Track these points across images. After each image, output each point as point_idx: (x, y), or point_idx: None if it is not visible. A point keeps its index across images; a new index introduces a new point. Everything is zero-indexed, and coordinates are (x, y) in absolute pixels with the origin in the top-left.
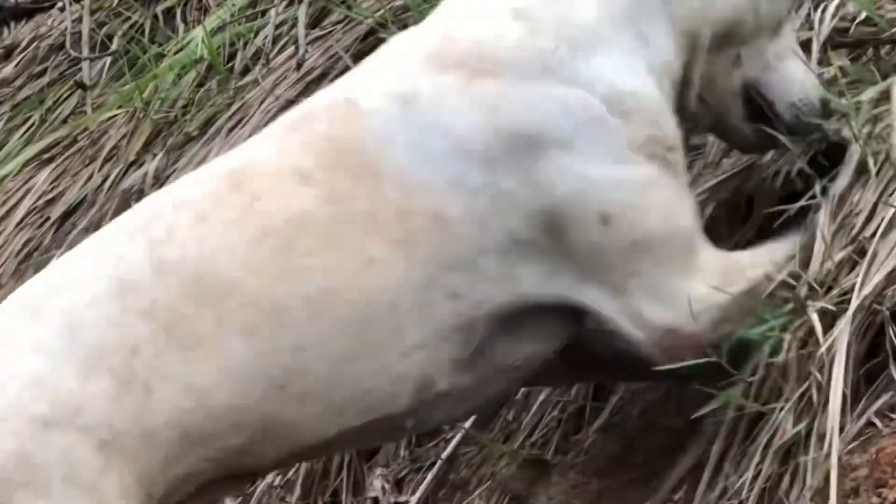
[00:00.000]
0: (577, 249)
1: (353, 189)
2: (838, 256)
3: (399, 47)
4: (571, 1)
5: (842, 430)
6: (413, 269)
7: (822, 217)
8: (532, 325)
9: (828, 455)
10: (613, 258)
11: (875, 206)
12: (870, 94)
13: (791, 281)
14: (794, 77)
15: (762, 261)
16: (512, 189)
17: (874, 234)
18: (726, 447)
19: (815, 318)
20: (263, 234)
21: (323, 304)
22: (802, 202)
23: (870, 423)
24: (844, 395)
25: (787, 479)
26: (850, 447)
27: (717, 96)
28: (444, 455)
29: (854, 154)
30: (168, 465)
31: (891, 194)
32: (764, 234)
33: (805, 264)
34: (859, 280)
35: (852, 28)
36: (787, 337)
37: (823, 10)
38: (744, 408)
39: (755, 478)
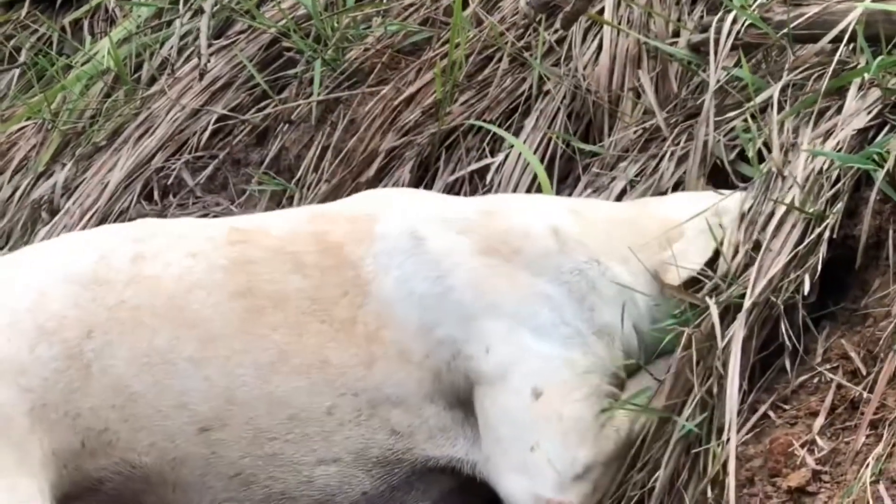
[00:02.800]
0: (492, 414)
1: (339, 297)
2: (739, 255)
3: (443, 198)
4: (605, 259)
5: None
6: (363, 389)
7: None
8: (431, 483)
9: (726, 444)
10: (524, 430)
11: (767, 205)
12: (761, 98)
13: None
14: None
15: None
16: (472, 352)
17: (764, 228)
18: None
19: (714, 313)
20: (242, 292)
21: (268, 375)
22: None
23: (764, 415)
24: (744, 391)
25: (686, 471)
26: (744, 438)
27: None
28: None
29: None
30: (83, 457)
31: (783, 192)
32: None
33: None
34: (752, 276)
35: (742, 31)
36: (689, 332)
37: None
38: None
39: (661, 469)
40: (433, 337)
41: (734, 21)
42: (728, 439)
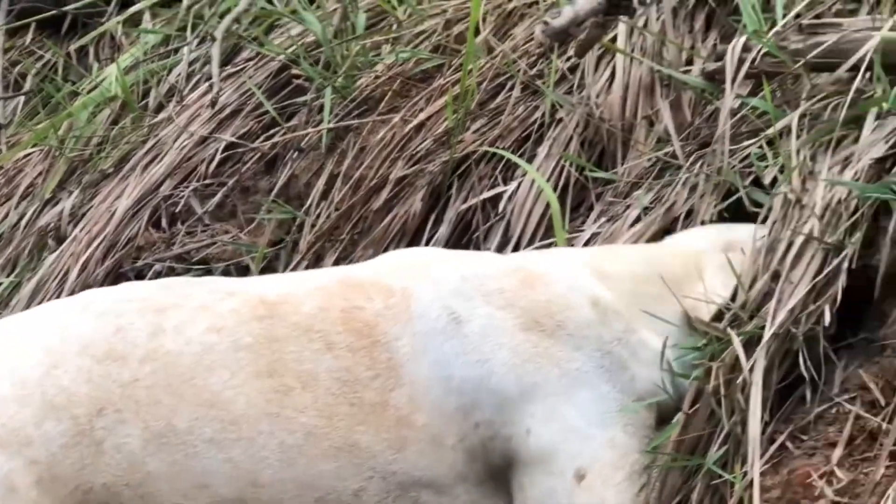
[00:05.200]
0: (532, 496)
1: (369, 380)
2: (758, 286)
3: (476, 261)
4: (636, 316)
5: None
6: (392, 472)
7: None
8: None
9: (747, 477)
10: None
11: (785, 235)
12: (778, 126)
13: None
14: None
15: None
16: (511, 433)
17: (783, 258)
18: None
19: (738, 346)
20: (269, 372)
21: (294, 459)
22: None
23: (782, 445)
24: (765, 422)
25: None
26: (763, 468)
27: None
28: None
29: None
30: None
31: (801, 222)
32: None
33: (733, 295)
34: (772, 307)
35: (757, 59)
36: (715, 366)
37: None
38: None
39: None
40: (470, 421)
41: (749, 49)
42: (750, 472)
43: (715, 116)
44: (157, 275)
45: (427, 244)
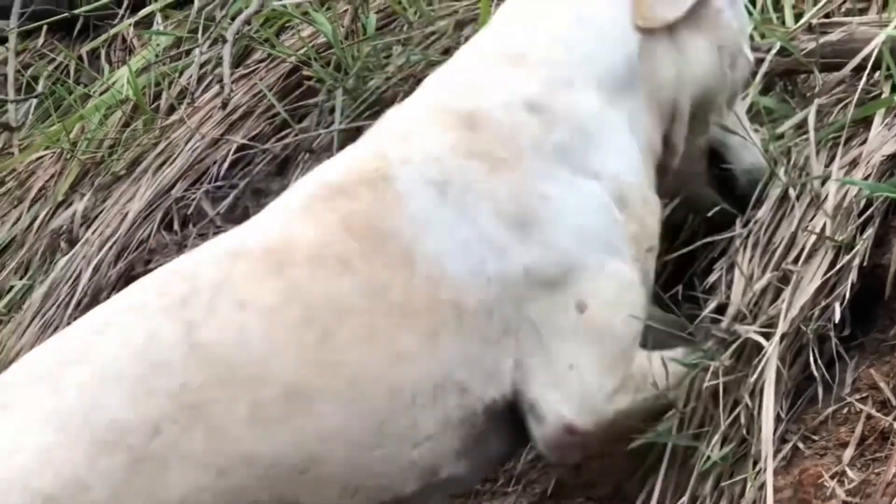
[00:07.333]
0: (537, 329)
1: (390, 279)
2: (761, 284)
3: (416, 119)
4: (575, 89)
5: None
6: (434, 364)
7: (742, 248)
8: (514, 422)
9: (760, 476)
10: (565, 346)
11: (795, 234)
12: (788, 124)
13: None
14: (747, 144)
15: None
16: (516, 276)
17: (797, 260)
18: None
19: (755, 338)
20: (304, 323)
21: (352, 398)
22: (727, 234)
23: (793, 445)
24: (778, 416)
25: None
26: (773, 468)
27: (687, 161)
28: None
29: (775, 185)
30: None
31: (811, 220)
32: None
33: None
34: (784, 306)
35: (767, 58)
36: (716, 364)
37: None
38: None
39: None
40: (482, 277)
41: (759, 49)
42: (763, 472)
43: None
44: None
45: None
